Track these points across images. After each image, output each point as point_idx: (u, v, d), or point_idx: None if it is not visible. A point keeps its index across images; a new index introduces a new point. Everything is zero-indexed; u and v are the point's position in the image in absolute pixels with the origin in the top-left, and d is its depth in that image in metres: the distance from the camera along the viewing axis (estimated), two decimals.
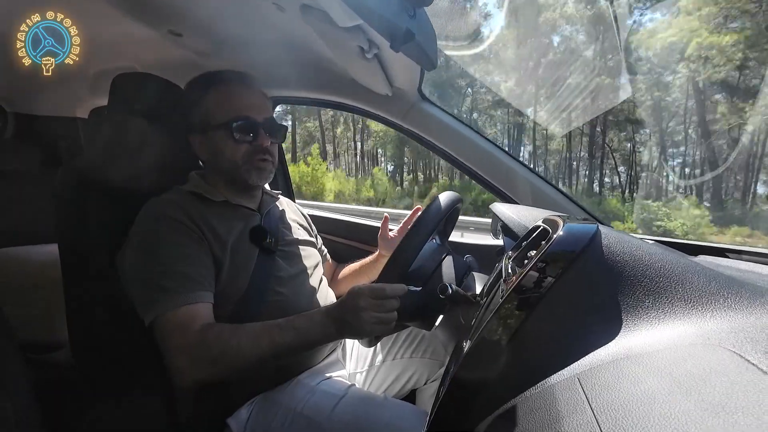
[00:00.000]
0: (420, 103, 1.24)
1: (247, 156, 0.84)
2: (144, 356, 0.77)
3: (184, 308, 0.69)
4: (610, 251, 0.46)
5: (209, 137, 0.85)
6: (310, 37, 1.00)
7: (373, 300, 0.66)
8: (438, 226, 0.75)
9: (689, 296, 0.39)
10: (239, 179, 0.85)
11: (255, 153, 0.84)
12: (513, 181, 1.21)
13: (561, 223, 0.53)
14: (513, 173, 1.20)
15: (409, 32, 0.62)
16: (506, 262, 0.61)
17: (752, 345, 0.30)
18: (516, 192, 1.20)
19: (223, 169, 0.86)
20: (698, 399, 0.26)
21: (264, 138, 0.85)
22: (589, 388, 0.34)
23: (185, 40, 1.12)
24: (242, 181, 0.85)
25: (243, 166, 0.84)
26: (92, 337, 0.83)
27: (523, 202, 1.19)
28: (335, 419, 0.73)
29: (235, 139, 0.82)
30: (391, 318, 0.68)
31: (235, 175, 0.85)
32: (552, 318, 0.44)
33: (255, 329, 0.69)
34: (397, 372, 1.01)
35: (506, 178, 1.21)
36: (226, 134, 0.82)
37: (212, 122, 0.83)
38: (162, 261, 0.72)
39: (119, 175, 0.82)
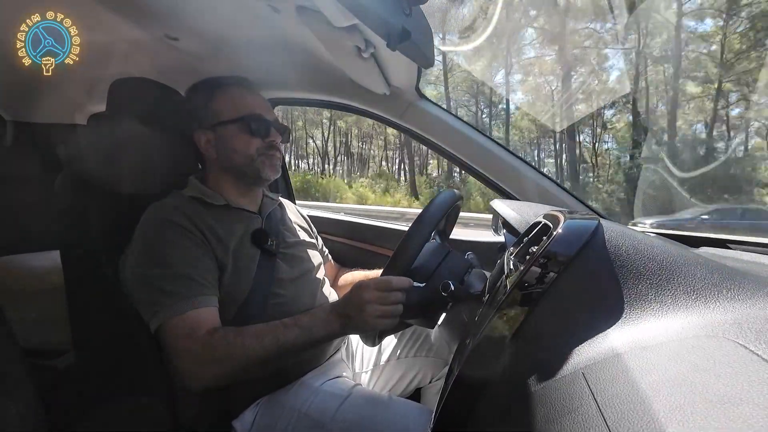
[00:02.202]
0: (418, 101, 1.24)
1: (261, 150, 0.87)
2: (147, 360, 0.77)
3: (190, 313, 0.69)
4: (612, 245, 0.46)
5: (220, 133, 0.87)
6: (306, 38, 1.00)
7: (379, 293, 0.66)
8: (439, 222, 0.75)
9: (692, 288, 0.39)
10: (252, 172, 0.87)
11: (268, 148, 0.88)
12: (512, 177, 1.20)
13: (562, 219, 0.53)
14: (512, 169, 1.20)
15: (405, 31, 0.62)
16: (508, 259, 0.61)
17: (756, 336, 0.30)
18: (516, 188, 1.20)
19: (235, 164, 0.87)
20: (702, 391, 0.26)
21: (276, 135, 0.89)
22: (594, 382, 0.34)
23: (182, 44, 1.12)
24: (255, 175, 0.88)
25: (257, 159, 0.87)
26: (96, 341, 0.83)
27: (523, 198, 1.19)
28: (340, 420, 0.73)
29: (250, 133, 0.86)
30: (396, 311, 0.67)
31: (248, 168, 0.87)
32: (555, 313, 0.44)
33: (259, 329, 0.69)
34: (402, 371, 1.01)
35: (506, 174, 1.21)
36: (241, 128, 0.86)
37: (223, 119, 0.86)
38: (166, 265, 0.72)
39: (119, 180, 0.82)
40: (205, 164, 0.93)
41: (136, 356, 0.79)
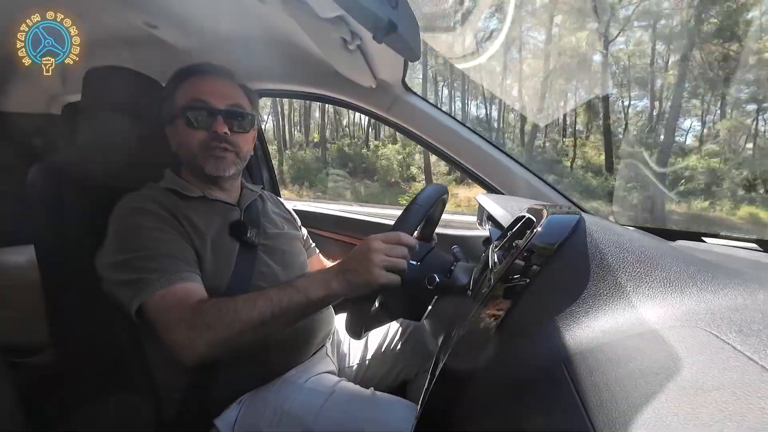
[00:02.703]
0: (404, 94, 1.23)
1: (204, 143, 0.81)
2: (128, 357, 0.76)
3: (178, 285, 0.67)
4: (594, 239, 0.47)
5: (174, 126, 0.83)
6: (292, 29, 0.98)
7: (386, 244, 0.65)
8: (428, 211, 0.75)
9: (668, 280, 0.40)
10: (197, 168, 0.83)
11: (211, 140, 0.81)
12: (498, 172, 1.22)
13: (545, 213, 0.54)
14: (498, 164, 1.22)
15: (392, 23, 0.61)
16: (492, 252, 0.62)
17: (727, 325, 0.31)
18: (501, 182, 1.21)
19: (183, 158, 0.84)
20: (677, 378, 0.27)
21: (221, 125, 0.80)
22: (574, 372, 0.35)
23: (162, 33, 1.08)
24: (200, 171, 0.83)
25: (199, 154, 0.81)
26: (74, 338, 0.81)
27: (508, 193, 1.20)
28: (323, 417, 0.72)
29: (191, 125, 0.80)
30: (400, 266, 0.65)
31: (193, 164, 0.83)
32: (538, 305, 0.45)
33: (252, 294, 0.67)
34: (388, 366, 1.01)
35: (491, 168, 1.22)
36: (184, 121, 0.81)
37: (175, 111, 0.82)
38: (147, 248, 0.69)
39: (96, 171, 0.79)
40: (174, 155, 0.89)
41: (116, 353, 0.77)
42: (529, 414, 0.37)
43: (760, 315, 0.31)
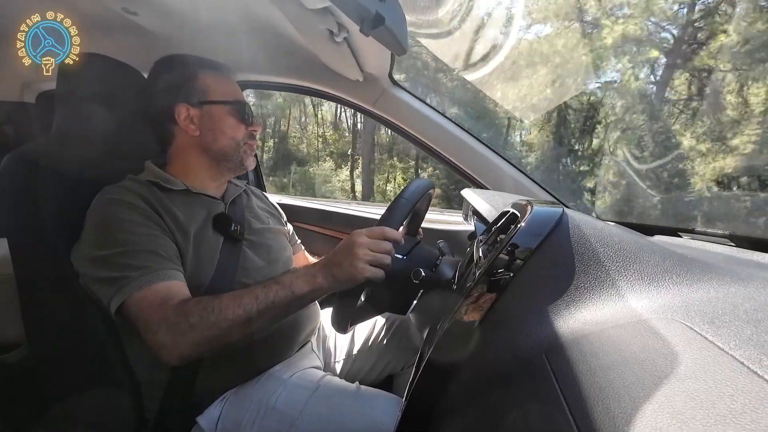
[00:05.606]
0: (391, 88, 1.23)
1: (246, 138, 0.87)
2: (107, 353, 0.74)
3: (160, 284, 0.65)
4: (575, 233, 0.48)
5: (207, 111, 0.83)
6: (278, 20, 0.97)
7: (370, 238, 0.66)
8: (415, 205, 0.75)
9: (645, 273, 0.41)
10: (236, 159, 0.86)
11: (249, 137, 0.88)
12: (484, 167, 1.23)
13: (529, 208, 0.55)
14: (483, 159, 1.22)
15: (379, 16, 0.61)
16: (477, 247, 0.63)
17: (700, 317, 0.32)
18: (486, 177, 1.23)
19: (219, 146, 0.84)
20: (652, 369, 0.28)
21: (258, 125, 0.89)
22: (556, 363, 0.36)
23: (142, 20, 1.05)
24: (238, 161, 0.87)
25: (242, 147, 0.86)
26: (51, 334, 0.79)
27: (494, 188, 1.21)
28: (308, 413, 0.72)
29: (239, 118, 0.85)
30: (385, 261, 0.66)
31: (232, 153, 0.85)
32: (521, 299, 0.45)
33: (237, 292, 0.66)
34: (374, 360, 1.02)
35: (477, 163, 1.23)
36: (231, 112, 0.84)
37: (212, 98, 0.83)
38: (127, 243, 0.67)
39: (72, 162, 0.77)
40: (173, 144, 0.85)
41: (94, 349, 0.75)
42: (512, 407, 0.37)
43: (731, 307, 0.33)
